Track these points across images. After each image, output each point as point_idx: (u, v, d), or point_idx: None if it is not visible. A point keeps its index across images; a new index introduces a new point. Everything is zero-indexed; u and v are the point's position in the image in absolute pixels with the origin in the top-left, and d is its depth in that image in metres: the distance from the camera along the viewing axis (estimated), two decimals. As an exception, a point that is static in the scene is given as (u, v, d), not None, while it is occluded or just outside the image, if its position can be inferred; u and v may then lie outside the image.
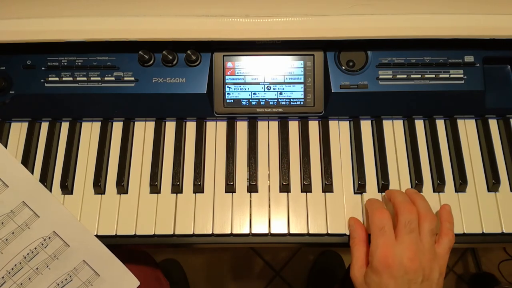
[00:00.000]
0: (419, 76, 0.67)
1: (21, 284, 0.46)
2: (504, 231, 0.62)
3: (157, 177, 0.65)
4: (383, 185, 0.64)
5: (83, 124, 0.69)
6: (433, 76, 0.67)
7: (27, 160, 0.66)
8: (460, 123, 0.68)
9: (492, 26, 0.62)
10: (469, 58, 0.67)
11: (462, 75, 0.67)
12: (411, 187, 0.65)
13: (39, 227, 0.46)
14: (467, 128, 0.68)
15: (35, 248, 0.47)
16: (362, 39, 0.64)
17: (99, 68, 0.68)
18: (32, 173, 0.66)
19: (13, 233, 0.46)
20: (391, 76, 0.67)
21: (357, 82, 0.67)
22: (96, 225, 0.63)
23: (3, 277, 0.46)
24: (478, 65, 0.67)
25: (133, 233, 0.63)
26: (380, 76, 0.67)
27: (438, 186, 0.64)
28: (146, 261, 0.84)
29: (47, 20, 0.63)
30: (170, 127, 0.69)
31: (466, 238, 0.63)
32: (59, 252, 0.47)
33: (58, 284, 0.47)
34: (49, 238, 0.47)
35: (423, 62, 0.67)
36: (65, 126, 0.69)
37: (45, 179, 0.65)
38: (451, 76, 0.67)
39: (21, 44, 0.64)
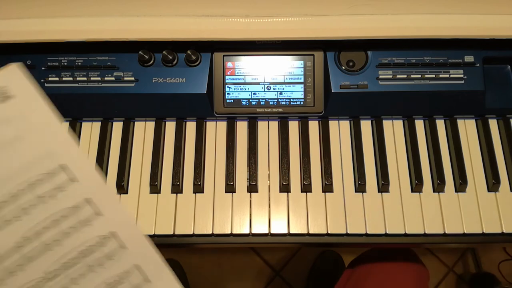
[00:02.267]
0: (419, 76, 0.67)
1: (73, 278, 0.45)
2: (504, 231, 0.62)
3: (157, 177, 0.65)
4: (383, 185, 0.64)
5: (83, 124, 0.69)
6: (433, 76, 0.67)
7: (27, 160, 0.66)
8: (460, 123, 0.68)
9: (492, 26, 0.62)
10: (469, 58, 0.67)
11: (462, 75, 0.67)
12: (411, 187, 0.65)
13: (100, 225, 0.46)
14: (467, 128, 0.68)
15: (93, 245, 0.46)
16: (362, 39, 0.64)
17: (99, 68, 0.68)
18: (32, 173, 0.67)
19: (74, 227, 0.46)
20: (391, 76, 0.67)
21: (357, 82, 0.67)
22: (96, 225, 0.63)
23: (57, 269, 0.45)
24: (478, 65, 0.67)
25: (133, 233, 0.63)
26: (380, 76, 0.67)
27: (438, 186, 0.64)
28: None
29: (47, 20, 0.63)
30: (170, 127, 0.69)
31: (466, 238, 0.63)
32: (114, 253, 0.47)
33: (108, 284, 0.47)
34: (108, 237, 0.47)
35: (423, 62, 0.67)
36: (65, 126, 0.69)
37: (45, 179, 0.65)
38: (451, 76, 0.67)
39: (21, 44, 0.64)
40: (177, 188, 0.65)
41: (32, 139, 0.44)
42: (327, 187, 0.65)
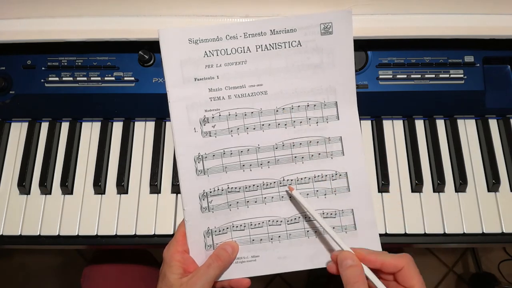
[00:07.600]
0: (419, 76, 0.67)
1: (300, 194, 0.51)
2: (504, 231, 0.62)
3: (157, 177, 0.65)
4: (383, 185, 0.64)
5: (83, 124, 0.69)
6: (433, 76, 0.67)
7: (27, 160, 0.66)
8: (460, 123, 0.68)
9: (492, 26, 0.62)
10: (469, 58, 0.67)
11: (462, 75, 0.67)
12: (411, 187, 0.65)
13: (339, 163, 0.52)
14: (467, 128, 0.68)
15: (326, 175, 0.52)
16: (362, 39, 0.64)
17: (99, 68, 0.68)
18: (32, 173, 0.67)
19: (320, 154, 0.52)
20: (391, 76, 0.67)
21: (357, 82, 0.67)
22: (96, 225, 0.63)
23: (291, 180, 0.52)
24: (478, 65, 0.67)
25: (133, 233, 0.63)
26: (380, 76, 0.67)
27: (438, 186, 0.64)
28: (148, 260, 0.84)
29: (47, 20, 0.63)
30: (170, 127, 0.69)
31: (466, 238, 0.63)
32: (339, 191, 0.52)
33: (323, 213, 0.52)
34: (340, 175, 0.52)
35: (423, 62, 0.67)
36: (65, 126, 0.69)
37: (45, 179, 0.65)
38: (451, 76, 0.67)
39: (21, 44, 0.64)
40: (177, 188, 0.65)
41: (327, 73, 0.51)
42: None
